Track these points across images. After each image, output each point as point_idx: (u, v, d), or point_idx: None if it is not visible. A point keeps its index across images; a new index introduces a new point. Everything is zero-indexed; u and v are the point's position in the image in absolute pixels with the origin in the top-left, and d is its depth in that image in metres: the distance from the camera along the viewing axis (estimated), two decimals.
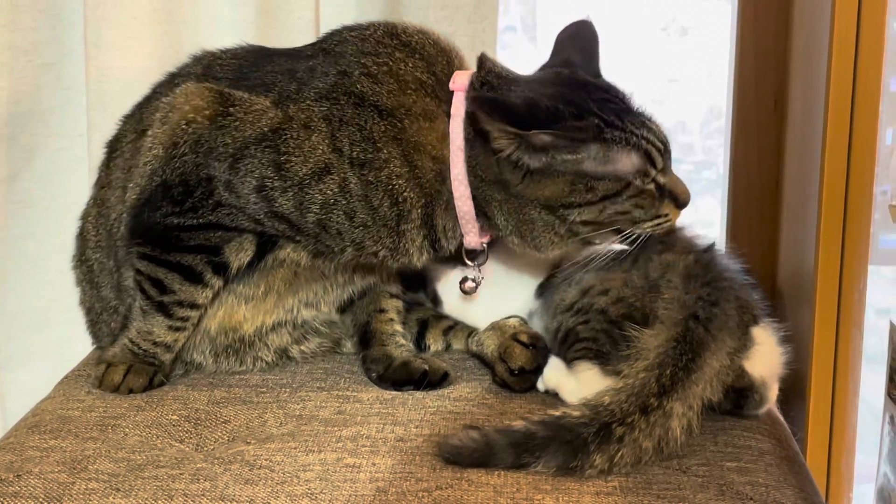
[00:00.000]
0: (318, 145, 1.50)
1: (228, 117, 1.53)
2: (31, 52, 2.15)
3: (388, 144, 1.50)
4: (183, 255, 1.57)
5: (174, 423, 1.52)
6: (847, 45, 1.79)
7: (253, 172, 1.52)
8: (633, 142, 1.46)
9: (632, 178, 1.47)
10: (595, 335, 1.52)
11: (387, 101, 1.51)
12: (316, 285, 1.68)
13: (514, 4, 2.74)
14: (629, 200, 1.48)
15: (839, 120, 1.81)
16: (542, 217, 1.50)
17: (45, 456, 1.42)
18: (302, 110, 1.52)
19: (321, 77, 1.54)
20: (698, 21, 2.73)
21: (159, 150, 1.57)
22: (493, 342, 1.66)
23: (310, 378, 1.67)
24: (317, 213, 1.52)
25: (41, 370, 2.22)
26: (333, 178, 1.50)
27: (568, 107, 1.46)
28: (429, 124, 1.51)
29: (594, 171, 1.46)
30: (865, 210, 1.83)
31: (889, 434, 1.75)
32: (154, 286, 1.60)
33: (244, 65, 1.63)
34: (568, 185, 1.47)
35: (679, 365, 1.38)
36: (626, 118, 1.48)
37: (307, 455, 1.42)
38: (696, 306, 1.44)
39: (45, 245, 2.28)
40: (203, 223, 1.55)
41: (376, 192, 1.51)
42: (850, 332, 1.86)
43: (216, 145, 1.53)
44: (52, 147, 2.24)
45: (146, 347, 1.64)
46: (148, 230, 1.58)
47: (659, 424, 1.35)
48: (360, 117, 1.51)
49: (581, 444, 1.33)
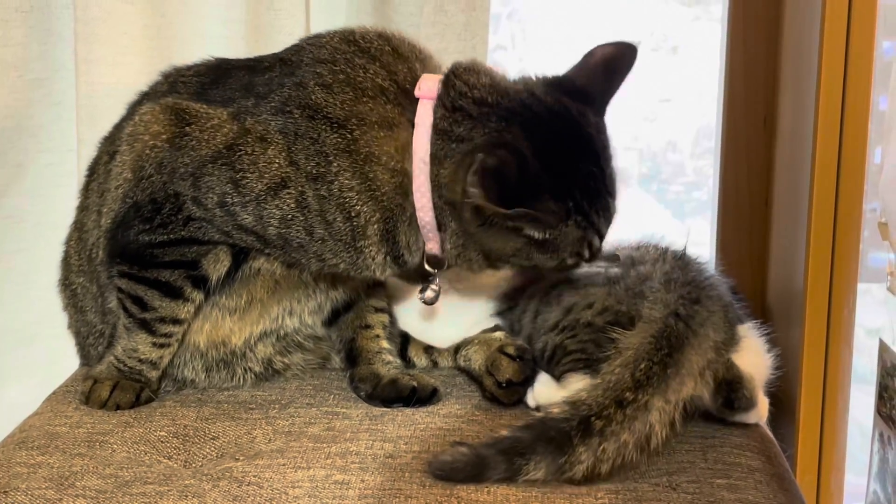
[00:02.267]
0: (273, 159, 1.49)
1: (185, 137, 1.53)
2: (22, 68, 2.15)
3: (338, 157, 1.47)
4: (160, 271, 1.57)
5: (162, 439, 1.52)
6: (836, 63, 1.79)
7: (213, 189, 1.52)
8: (587, 232, 1.46)
9: (567, 258, 1.49)
10: (583, 346, 1.53)
11: (339, 111, 1.48)
12: (298, 292, 1.67)
13: (504, 22, 2.75)
14: (555, 266, 1.51)
15: (828, 138, 1.81)
16: (477, 259, 1.50)
17: (33, 472, 1.42)
18: (259, 123, 1.50)
19: (277, 90, 1.52)
20: (689, 41, 2.74)
21: (128, 174, 1.58)
22: (480, 356, 1.66)
23: (299, 394, 1.67)
24: (277, 227, 1.51)
25: (29, 386, 2.21)
26: (290, 192, 1.49)
27: (555, 177, 1.42)
28: (386, 133, 1.47)
29: (544, 246, 1.46)
30: (855, 228, 1.83)
31: (878, 451, 1.76)
32: (135, 304, 1.60)
33: (205, 81, 1.61)
34: (515, 250, 1.47)
35: (654, 360, 1.39)
36: (595, 203, 1.46)
37: (296, 472, 1.41)
38: (677, 304, 1.46)
39: (34, 261, 2.27)
40: (176, 238, 1.56)
41: (330, 207, 1.48)
42: (839, 350, 1.86)
43: (178, 165, 1.53)
44: (42, 163, 2.24)
45: (132, 365, 1.63)
46: (124, 249, 1.58)
47: (637, 418, 1.36)
48: (313, 130, 1.48)
49: (565, 438, 1.34)
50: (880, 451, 1.75)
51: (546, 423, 1.37)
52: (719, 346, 1.45)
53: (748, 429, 1.53)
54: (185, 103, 1.56)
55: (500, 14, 2.69)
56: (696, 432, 1.51)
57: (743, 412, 1.52)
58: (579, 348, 1.53)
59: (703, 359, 1.43)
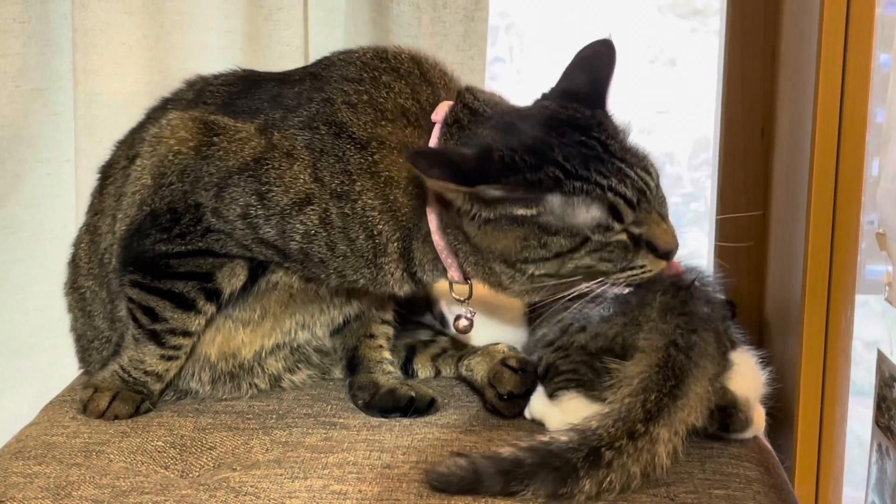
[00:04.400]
0: (299, 175, 1.49)
1: (213, 147, 1.53)
2: (20, 78, 2.15)
3: (362, 176, 1.48)
4: (174, 282, 1.57)
5: (159, 449, 1.51)
6: (834, 75, 1.80)
7: (237, 200, 1.51)
8: (596, 194, 1.37)
9: (590, 233, 1.38)
10: (575, 367, 1.51)
11: (362, 132, 1.49)
12: (312, 307, 1.67)
13: (502, 35, 2.75)
14: (590, 255, 1.40)
15: (826, 150, 1.81)
16: (503, 269, 1.44)
17: (29, 482, 1.41)
18: (286, 138, 1.51)
19: (306, 104, 1.53)
20: (686, 53, 2.74)
21: (147, 180, 1.57)
22: (483, 367, 1.66)
23: (296, 404, 1.67)
24: (299, 242, 1.51)
25: (26, 396, 2.21)
26: (314, 208, 1.49)
27: (528, 155, 1.38)
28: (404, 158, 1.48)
29: (549, 225, 1.39)
30: (852, 240, 1.83)
31: (876, 462, 1.75)
32: (146, 314, 1.60)
33: (234, 91, 1.62)
34: (520, 241, 1.40)
35: (664, 391, 1.37)
36: (596, 166, 1.38)
37: (293, 482, 1.41)
38: (675, 334, 1.42)
39: (32, 271, 2.27)
40: (193, 249, 1.55)
41: (353, 225, 1.49)
42: (837, 361, 1.86)
43: (202, 175, 1.53)
44: (40, 172, 2.24)
45: (137, 376, 1.63)
46: (138, 258, 1.57)
47: (646, 450, 1.34)
48: (338, 148, 1.49)
49: (570, 469, 1.32)
50: (878, 461, 1.75)
51: (551, 451, 1.34)
52: (713, 377, 1.43)
53: (746, 440, 1.53)
54: (215, 116, 1.56)
55: (498, 26, 2.70)
56: (695, 443, 1.50)
57: (738, 433, 1.52)
58: (571, 369, 1.52)
59: (703, 389, 1.41)
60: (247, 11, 2.16)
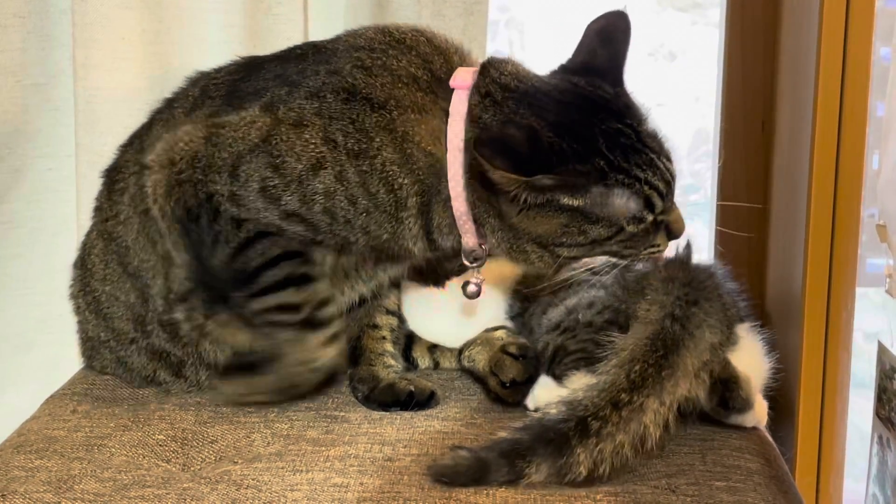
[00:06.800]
0: (310, 140, 1.50)
1: (220, 136, 1.53)
2: (20, 73, 2.15)
3: (380, 133, 1.48)
4: (267, 272, 1.54)
5: (161, 442, 1.52)
6: (834, 69, 1.80)
7: (253, 177, 1.51)
8: (636, 188, 1.42)
9: (625, 224, 1.44)
10: (584, 345, 1.53)
11: (379, 93, 1.49)
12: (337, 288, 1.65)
13: (502, 29, 2.75)
14: (619, 244, 1.46)
15: (826, 143, 1.82)
16: (534, 249, 1.48)
17: (31, 476, 1.42)
18: (292, 110, 1.51)
19: (312, 76, 1.54)
20: (686, 46, 2.74)
21: (170, 210, 1.57)
22: (484, 356, 1.66)
23: (297, 398, 1.67)
24: (322, 203, 1.51)
25: (27, 391, 2.21)
26: (328, 170, 1.49)
27: (574, 142, 1.40)
28: (417, 117, 1.49)
29: (590, 214, 1.43)
30: (853, 233, 1.84)
31: (877, 454, 1.76)
32: (284, 311, 1.56)
33: (237, 79, 1.62)
34: (561, 227, 1.44)
35: (649, 361, 1.40)
36: (634, 158, 1.42)
37: (294, 475, 1.41)
38: (673, 306, 1.45)
39: (33, 266, 2.27)
40: (241, 243, 1.54)
41: (372, 180, 1.49)
42: (837, 353, 1.86)
43: (213, 161, 1.52)
44: (40, 168, 2.24)
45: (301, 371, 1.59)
46: (224, 283, 1.57)
47: (633, 419, 1.36)
48: (351, 111, 1.49)
49: (563, 440, 1.35)
50: (879, 453, 1.75)
51: (544, 425, 1.37)
52: (715, 346, 1.45)
53: (747, 432, 1.54)
54: (220, 118, 1.56)
55: (498, 21, 2.70)
56: (696, 435, 1.51)
57: (738, 413, 1.51)
58: (580, 348, 1.54)
59: (698, 360, 1.43)
60: (247, 6, 2.16)
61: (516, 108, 1.46)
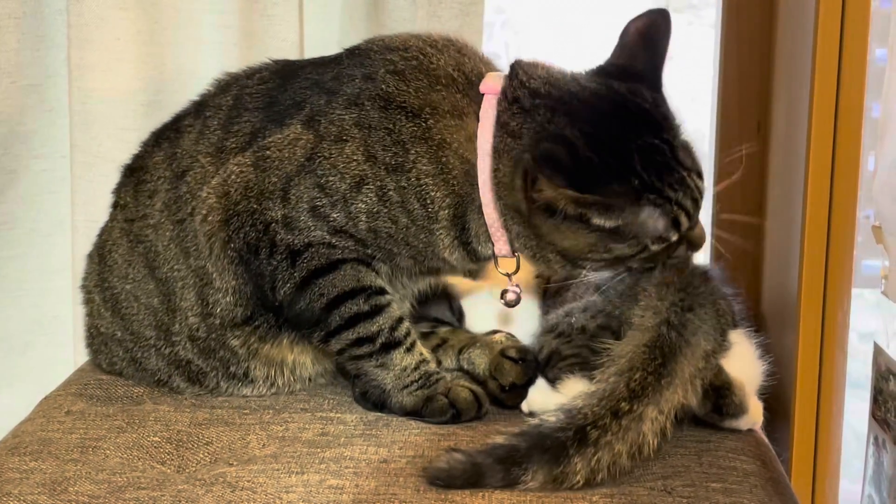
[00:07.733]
0: (352, 157, 1.50)
1: (267, 160, 1.54)
2: (15, 74, 2.15)
3: (416, 145, 1.48)
4: (339, 308, 1.54)
5: (155, 444, 1.51)
6: (829, 69, 1.80)
7: (303, 198, 1.52)
8: (666, 208, 1.41)
9: (650, 243, 1.43)
10: (578, 350, 1.53)
11: (413, 100, 1.49)
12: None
13: (498, 31, 2.75)
14: (640, 261, 1.46)
15: (822, 144, 1.81)
16: (557, 259, 1.48)
17: (25, 478, 1.41)
18: (332, 123, 1.51)
19: (348, 82, 1.54)
20: (681, 46, 2.74)
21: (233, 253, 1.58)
22: (483, 360, 1.66)
23: (293, 399, 1.66)
24: (366, 221, 1.51)
25: (22, 393, 2.21)
26: (370, 187, 1.50)
27: (612, 158, 1.38)
28: (457, 122, 1.48)
29: (619, 234, 1.41)
30: (849, 234, 1.84)
31: (873, 455, 1.76)
32: (363, 343, 1.56)
33: (272, 88, 1.61)
34: (589, 245, 1.43)
35: (649, 370, 1.39)
36: (667, 177, 1.40)
37: (290, 476, 1.41)
38: (669, 312, 1.45)
39: (27, 267, 2.27)
40: (305, 276, 1.54)
41: (409, 196, 1.49)
42: (833, 354, 1.86)
43: (265, 187, 1.53)
44: (36, 168, 2.24)
45: (415, 378, 1.59)
46: (299, 322, 1.58)
47: (632, 428, 1.36)
48: (387, 120, 1.49)
49: (560, 448, 1.34)
50: (875, 454, 1.75)
51: (542, 432, 1.36)
52: (708, 353, 1.45)
53: (743, 433, 1.53)
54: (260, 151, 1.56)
55: (493, 22, 2.70)
56: (691, 437, 1.51)
57: (732, 418, 1.51)
58: (574, 353, 1.53)
59: (694, 368, 1.42)
60: (242, 7, 2.16)
61: (551, 116, 1.44)
